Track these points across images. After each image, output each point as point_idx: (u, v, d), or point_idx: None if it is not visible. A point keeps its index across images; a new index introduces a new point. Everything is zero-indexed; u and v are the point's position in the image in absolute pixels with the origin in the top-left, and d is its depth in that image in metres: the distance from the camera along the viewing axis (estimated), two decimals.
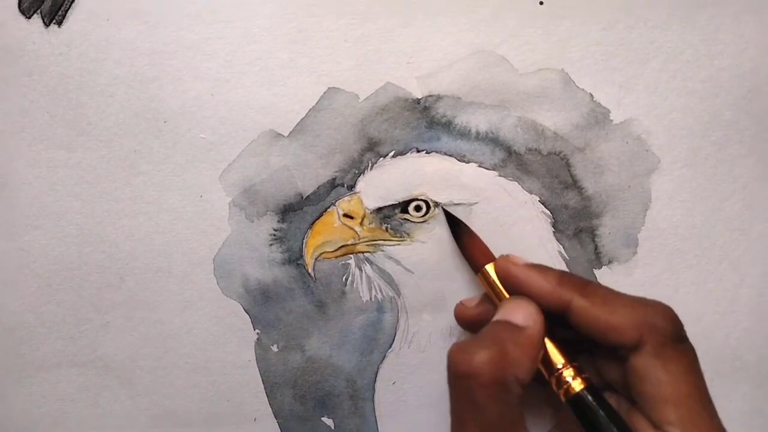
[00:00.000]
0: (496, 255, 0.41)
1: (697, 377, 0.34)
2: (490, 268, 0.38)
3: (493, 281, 0.38)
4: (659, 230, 0.43)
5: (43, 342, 0.42)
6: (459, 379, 0.33)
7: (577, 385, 0.35)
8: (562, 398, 0.35)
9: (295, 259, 0.42)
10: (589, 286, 0.36)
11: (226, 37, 0.41)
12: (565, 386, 0.35)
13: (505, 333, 0.34)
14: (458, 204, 0.42)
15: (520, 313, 0.35)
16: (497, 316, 0.36)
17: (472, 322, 0.39)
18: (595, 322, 0.34)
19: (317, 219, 0.42)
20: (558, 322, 0.36)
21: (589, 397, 0.34)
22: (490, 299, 0.39)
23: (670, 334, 0.34)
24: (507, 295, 0.37)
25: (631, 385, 0.34)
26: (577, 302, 0.35)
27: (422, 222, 0.42)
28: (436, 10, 0.42)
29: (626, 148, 0.42)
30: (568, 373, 0.35)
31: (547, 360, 0.36)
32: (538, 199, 0.42)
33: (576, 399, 0.35)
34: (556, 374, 0.35)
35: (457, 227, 0.41)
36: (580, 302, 0.35)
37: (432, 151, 0.42)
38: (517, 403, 0.33)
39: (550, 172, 0.42)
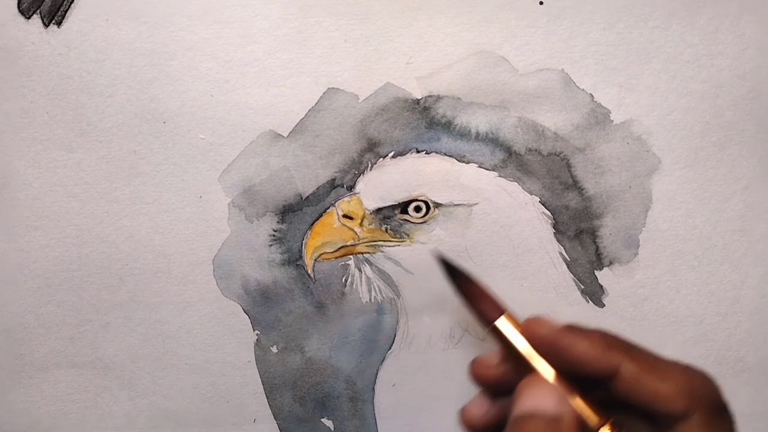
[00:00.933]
0: (497, 257, 0.41)
1: None
2: (502, 322, 0.35)
3: (504, 336, 0.35)
4: (660, 231, 0.43)
5: (43, 342, 0.42)
6: None
7: None
8: None
9: (294, 260, 0.42)
10: (635, 350, 0.34)
11: (225, 37, 0.41)
12: None
13: (544, 430, 0.32)
14: (458, 204, 0.42)
15: (550, 401, 0.32)
16: (522, 409, 0.33)
17: (495, 382, 0.36)
18: (644, 388, 0.32)
19: (317, 220, 0.42)
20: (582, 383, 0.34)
21: None
22: (507, 353, 0.35)
23: (718, 404, 0.33)
24: (527, 357, 0.34)
25: None
26: (627, 368, 0.32)
27: (422, 223, 0.42)
28: (436, 11, 0.41)
29: (627, 149, 0.42)
30: None
31: (581, 421, 0.33)
32: (539, 199, 0.42)
33: None
34: None
35: (458, 278, 0.37)
36: (630, 367, 0.32)
37: (432, 152, 0.42)
38: None
39: (550, 172, 0.42)
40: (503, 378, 0.36)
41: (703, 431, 0.32)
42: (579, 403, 0.33)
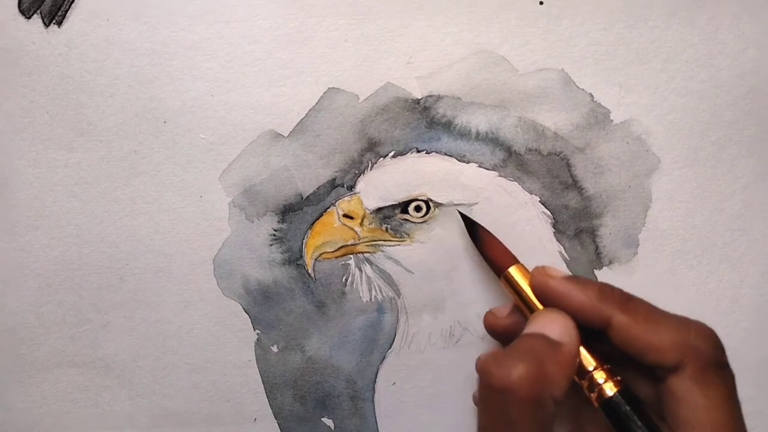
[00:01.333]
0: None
1: (735, 405, 0.33)
2: (513, 271, 0.37)
3: (518, 285, 0.37)
4: (660, 230, 0.43)
5: (44, 342, 0.42)
6: (494, 393, 0.32)
7: (610, 388, 0.34)
8: (595, 403, 0.34)
9: (295, 259, 0.42)
10: (630, 302, 0.34)
11: (226, 37, 0.41)
12: (597, 389, 0.34)
13: (542, 348, 0.33)
14: (458, 204, 0.42)
15: (557, 328, 0.34)
16: (531, 328, 0.34)
17: (504, 332, 0.38)
18: (636, 340, 0.33)
19: (317, 219, 0.42)
20: (590, 334, 0.35)
21: (623, 401, 0.33)
22: (516, 304, 0.37)
23: (713, 358, 0.33)
24: (536, 302, 0.36)
25: (666, 405, 0.33)
26: (618, 318, 0.33)
27: (422, 222, 0.42)
28: (436, 11, 0.41)
29: (626, 148, 0.42)
30: (600, 376, 0.34)
31: (578, 362, 0.35)
32: (539, 199, 0.42)
33: (609, 403, 0.34)
34: (588, 377, 0.34)
35: (475, 229, 0.40)
36: (622, 319, 0.33)
37: (432, 152, 0.42)
38: (550, 423, 0.32)
39: (550, 172, 0.42)
40: (513, 328, 0.37)
41: (693, 384, 0.32)
42: (581, 348, 0.34)
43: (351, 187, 0.42)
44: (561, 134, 0.42)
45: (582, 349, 0.35)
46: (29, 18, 0.41)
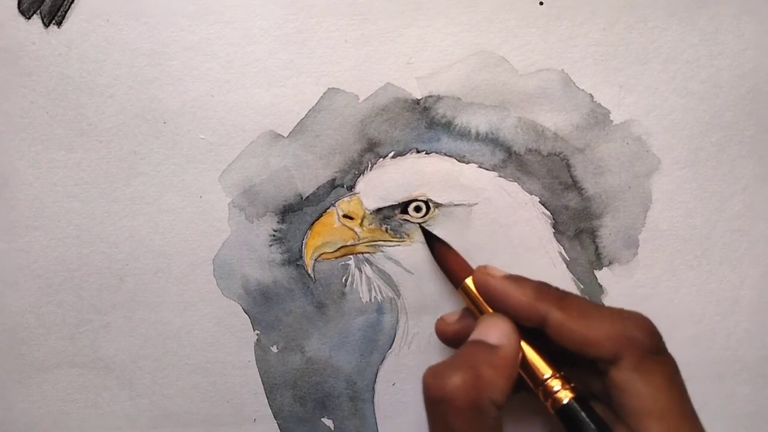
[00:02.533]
0: (497, 256, 0.41)
1: (679, 389, 0.33)
2: (470, 281, 0.38)
3: (474, 295, 0.38)
4: (660, 231, 0.43)
5: (43, 342, 0.42)
6: (433, 404, 0.33)
7: (565, 395, 0.34)
8: (550, 409, 0.35)
9: (294, 259, 0.42)
10: (566, 299, 0.35)
11: (226, 37, 0.41)
12: (551, 397, 0.34)
13: (478, 354, 0.34)
14: (458, 205, 0.42)
15: (494, 332, 0.35)
16: (473, 335, 0.35)
17: (454, 337, 0.39)
18: (571, 335, 0.34)
19: (317, 220, 0.42)
20: (542, 335, 0.35)
21: (577, 408, 0.34)
22: (472, 313, 0.38)
23: (649, 346, 0.33)
24: (489, 309, 0.37)
25: (613, 398, 0.34)
26: (553, 315, 0.34)
27: (422, 223, 0.42)
28: (436, 11, 0.41)
29: (626, 149, 0.42)
30: (555, 383, 0.35)
31: (532, 371, 0.35)
32: (539, 199, 0.42)
33: (564, 410, 0.34)
34: (542, 385, 0.35)
35: (434, 242, 0.40)
36: (557, 315, 0.34)
37: (432, 152, 0.42)
38: (494, 426, 0.32)
39: (550, 172, 0.42)
40: (462, 333, 0.38)
41: (633, 374, 0.33)
42: (532, 354, 0.35)
43: (351, 188, 0.42)
44: (561, 135, 0.42)
45: (536, 357, 0.35)
46: (29, 18, 0.41)
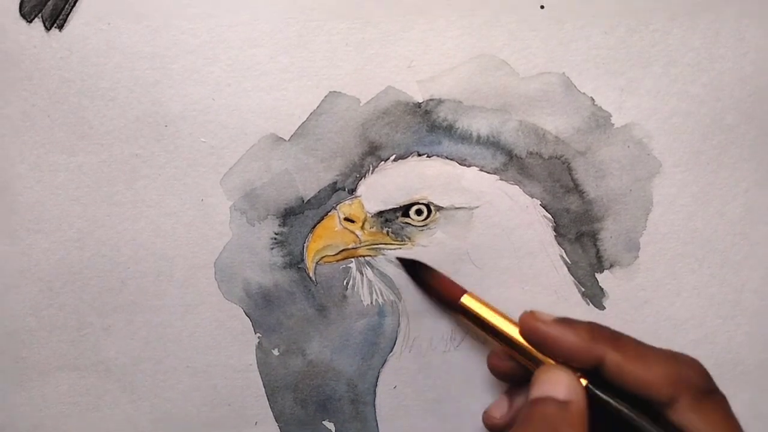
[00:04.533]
0: (498, 260, 0.41)
1: (735, 423, 0.34)
2: (467, 300, 0.39)
3: (474, 312, 0.38)
4: (661, 234, 0.43)
5: (45, 345, 0.42)
6: None
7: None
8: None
9: (296, 263, 0.42)
10: (621, 340, 0.35)
11: (227, 41, 0.41)
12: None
13: (553, 413, 0.34)
14: (459, 208, 0.42)
15: (561, 387, 0.34)
16: (538, 392, 0.35)
17: (508, 374, 0.39)
18: (628, 377, 0.34)
19: (318, 223, 0.42)
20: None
21: (599, 391, 0.35)
22: (473, 332, 0.39)
23: (704, 387, 0.34)
24: (500, 325, 0.38)
25: None
26: (610, 357, 0.34)
27: (423, 226, 0.42)
28: (437, 15, 0.42)
29: (627, 152, 0.42)
30: None
31: (537, 361, 0.36)
32: (540, 203, 0.42)
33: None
34: None
35: (416, 269, 0.41)
36: (614, 357, 0.34)
37: (433, 155, 0.42)
38: None
39: (551, 176, 0.42)
40: (516, 370, 0.38)
41: (691, 415, 0.33)
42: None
43: (352, 191, 0.42)
44: (562, 138, 0.42)
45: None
46: (30, 22, 0.41)
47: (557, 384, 0.35)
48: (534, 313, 0.37)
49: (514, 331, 0.37)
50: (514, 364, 0.38)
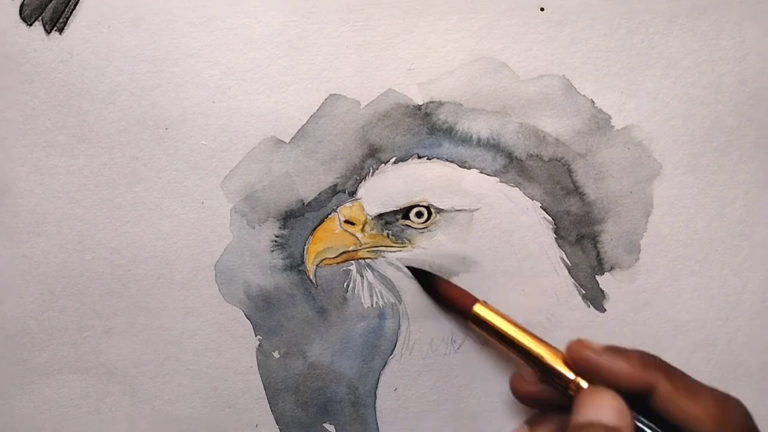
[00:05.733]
0: (498, 262, 0.41)
1: None
2: (479, 309, 0.39)
3: (486, 321, 0.38)
4: (661, 236, 0.43)
5: (46, 348, 0.42)
6: None
7: None
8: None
9: (296, 265, 0.42)
10: (672, 370, 0.35)
11: (227, 44, 0.41)
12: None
13: None
14: (460, 210, 0.42)
15: (611, 412, 0.34)
16: (585, 415, 0.34)
17: (533, 398, 0.39)
18: (676, 408, 0.34)
19: (318, 225, 0.42)
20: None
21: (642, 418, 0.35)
22: (490, 337, 0.39)
23: (744, 427, 0.34)
24: (518, 336, 0.38)
25: None
26: (662, 387, 0.34)
27: (424, 228, 0.42)
28: (438, 17, 0.42)
29: (628, 154, 0.42)
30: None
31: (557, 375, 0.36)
32: (540, 205, 0.42)
33: None
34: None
35: (428, 279, 0.41)
36: (666, 387, 0.34)
37: (433, 158, 0.42)
38: None
39: (551, 178, 0.42)
40: (541, 395, 0.38)
41: None
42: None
43: (352, 193, 0.42)
44: (562, 140, 0.42)
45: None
46: (31, 25, 0.41)
47: (607, 409, 0.34)
48: (582, 341, 0.36)
49: (529, 341, 0.37)
50: (542, 387, 0.38)
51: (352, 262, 0.42)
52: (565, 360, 0.36)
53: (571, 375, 0.36)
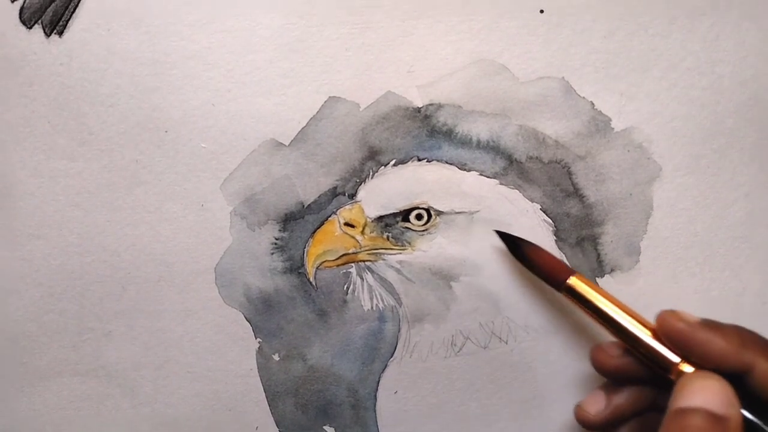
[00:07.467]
0: (498, 264, 0.41)
1: None
2: (574, 281, 0.37)
3: (581, 295, 0.37)
4: (661, 238, 0.43)
5: (46, 351, 0.42)
6: None
7: None
8: None
9: (296, 267, 0.42)
10: None
11: (227, 46, 0.41)
12: None
13: (709, 429, 0.30)
14: (459, 212, 0.42)
15: (718, 399, 0.30)
16: (689, 401, 0.31)
17: (614, 372, 0.37)
18: None
19: (318, 228, 0.42)
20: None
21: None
22: (584, 311, 0.37)
23: None
24: (611, 312, 0.36)
25: None
26: (761, 366, 0.32)
27: (423, 230, 0.42)
28: (437, 20, 0.42)
29: (628, 156, 0.42)
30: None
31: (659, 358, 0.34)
32: (540, 207, 0.42)
33: None
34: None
35: (520, 244, 0.40)
36: (765, 366, 0.32)
37: (433, 160, 0.42)
38: None
39: (551, 180, 0.42)
40: (624, 368, 0.36)
41: None
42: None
43: (352, 196, 0.42)
44: (562, 142, 0.42)
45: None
46: (30, 28, 0.41)
47: (714, 395, 0.31)
48: (676, 312, 0.34)
49: (629, 321, 0.35)
50: (626, 360, 0.36)
51: (352, 264, 0.42)
52: (655, 333, 0.34)
53: (675, 358, 0.34)
